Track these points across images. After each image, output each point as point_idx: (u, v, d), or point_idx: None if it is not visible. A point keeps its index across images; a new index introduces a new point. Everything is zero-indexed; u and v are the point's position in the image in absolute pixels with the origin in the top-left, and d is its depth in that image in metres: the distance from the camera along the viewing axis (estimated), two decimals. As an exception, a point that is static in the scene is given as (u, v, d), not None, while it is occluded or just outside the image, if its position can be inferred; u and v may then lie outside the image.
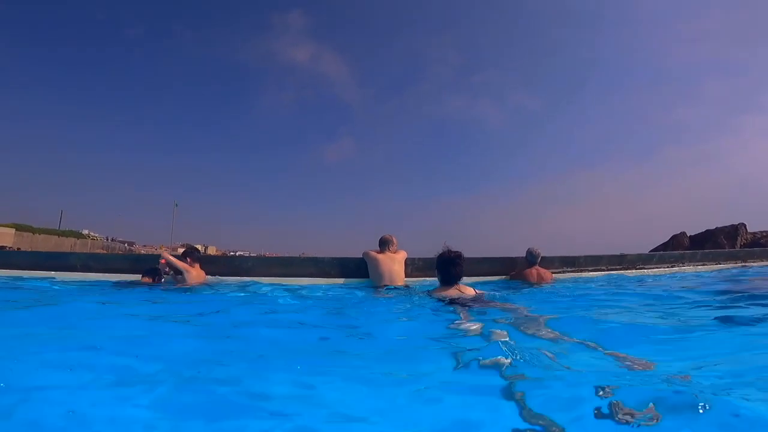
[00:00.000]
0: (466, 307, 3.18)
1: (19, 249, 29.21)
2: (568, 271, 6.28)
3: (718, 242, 20.97)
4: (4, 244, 35.79)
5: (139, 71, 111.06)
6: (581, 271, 6.36)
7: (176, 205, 43.10)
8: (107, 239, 59.49)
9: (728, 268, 7.33)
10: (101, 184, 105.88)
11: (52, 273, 5.39)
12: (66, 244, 41.88)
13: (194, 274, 5.05)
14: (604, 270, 6.47)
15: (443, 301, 3.49)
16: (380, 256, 5.22)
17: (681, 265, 7.15)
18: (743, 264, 7.76)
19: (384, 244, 5.35)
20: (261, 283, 5.11)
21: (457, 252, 3.67)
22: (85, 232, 54.98)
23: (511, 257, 6.00)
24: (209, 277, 5.23)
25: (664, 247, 22.39)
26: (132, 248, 57.88)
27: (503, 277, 5.83)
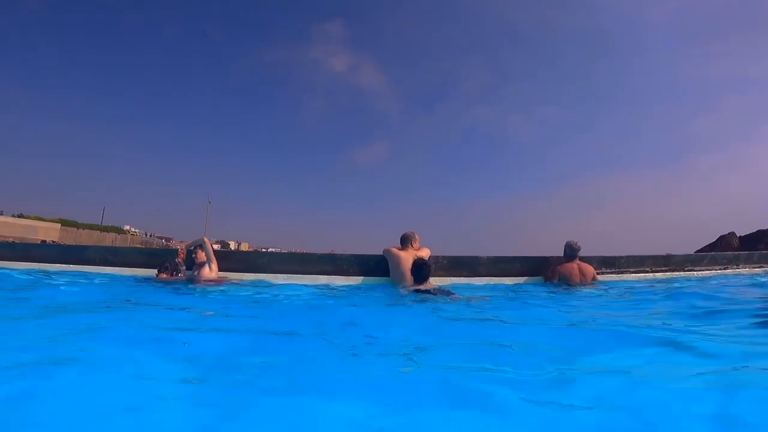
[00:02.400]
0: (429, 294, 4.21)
1: (61, 243, 30.44)
2: (608, 273, 5.75)
3: (772, 243, 19.56)
4: (52, 239, 37.92)
5: (177, 75, 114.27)
6: (622, 272, 5.82)
7: (209, 202, 44.66)
8: (146, 235, 62.15)
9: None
10: (141, 183, 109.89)
11: (72, 266, 5.38)
12: (107, 239, 43.81)
13: (216, 266, 4.90)
14: (648, 272, 5.91)
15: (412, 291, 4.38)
16: (402, 253, 4.87)
17: (735, 267, 6.42)
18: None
19: (406, 241, 4.99)
20: (275, 282, 4.90)
21: (424, 260, 4.66)
22: (126, 227, 57.94)
23: (545, 256, 5.52)
24: (223, 273, 5.04)
25: (711, 247, 21.04)
26: (169, 244, 59.44)
27: (536, 278, 5.38)
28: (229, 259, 5.10)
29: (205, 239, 5.00)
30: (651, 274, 5.88)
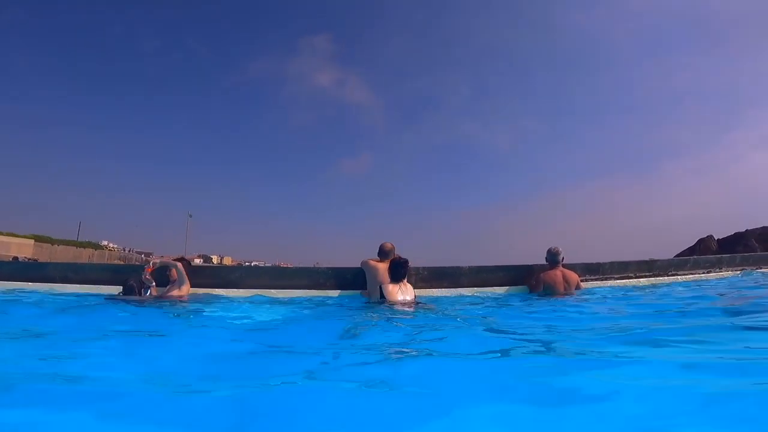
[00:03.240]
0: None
1: (36, 260, 29.44)
2: (592, 279, 5.63)
3: (749, 245, 19.83)
4: (25, 256, 36.54)
5: (156, 84, 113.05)
6: (606, 279, 5.71)
7: (190, 216, 43.93)
8: (125, 250, 60.24)
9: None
10: (120, 197, 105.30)
11: (30, 285, 5.00)
12: (84, 255, 42.37)
13: (188, 286, 4.61)
14: (632, 278, 5.81)
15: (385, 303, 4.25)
16: (380, 265, 4.65)
17: (718, 270, 6.38)
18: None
19: (386, 254, 4.80)
20: (248, 297, 4.65)
21: (405, 259, 4.50)
22: (104, 243, 55.67)
23: (528, 265, 5.36)
24: (194, 289, 4.76)
25: (691, 251, 21.33)
26: (149, 258, 56.41)
27: (520, 287, 5.22)
28: (199, 275, 4.82)
29: (179, 264, 4.73)
30: (635, 280, 5.78)
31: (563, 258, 5.09)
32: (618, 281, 5.69)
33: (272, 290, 4.84)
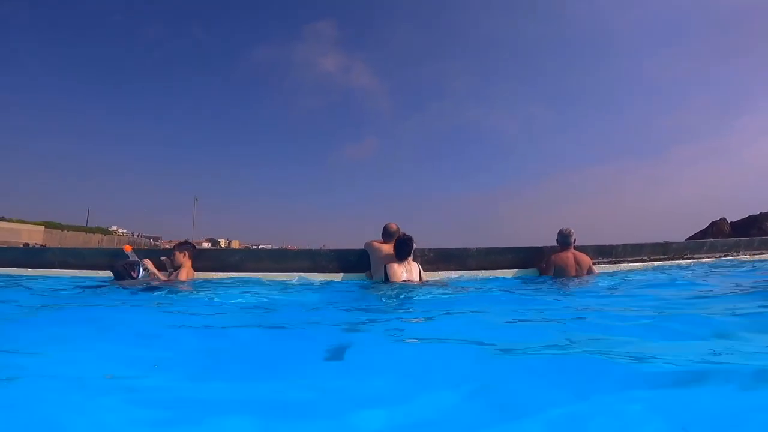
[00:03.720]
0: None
1: (44, 246, 29.73)
2: (604, 262, 5.42)
3: (763, 228, 19.41)
4: (35, 242, 36.96)
5: (162, 70, 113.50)
6: (619, 261, 5.49)
7: (196, 200, 44.31)
8: (133, 235, 60.91)
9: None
10: (127, 182, 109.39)
11: (29, 270, 4.91)
12: (93, 241, 42.83)
13: (186, 271, 4.45)
14: (646, 261, 5.58)
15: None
16: (384, 247, 4.50)
17: (735, 254, 6.15)
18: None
19: (390, 235, 4.62)
20: (248, 278, 4.52)
21: (410, 236, 4.26)
22: (113, 228, 56.32)
23: (538, 246, 5.16)
24: (197, 274, 4.63)
25: (703, 234, 20.92)
26: (157, 243, 58.37)
27: (530, 270, 5.03)
28: (198, 258, 4.68)
29: (146, 262, 4.38)
30: (650, 263, 5.57)
31: (575, 240, 4.88)
32: (631, 264, 5.51)
33: (273, 273, 4.70)
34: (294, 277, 4.63)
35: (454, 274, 4.85)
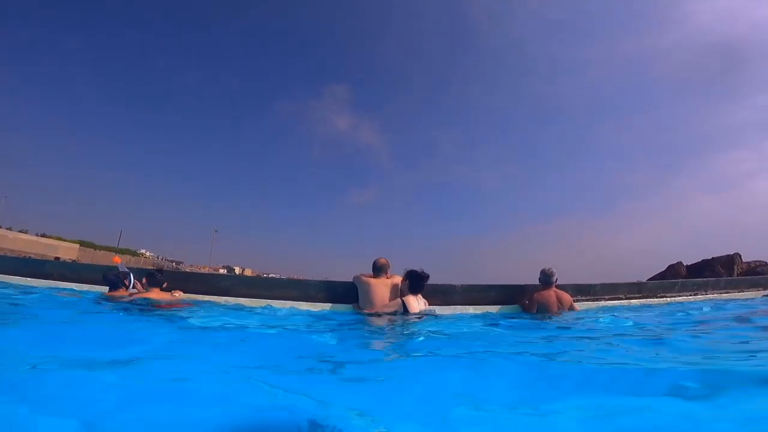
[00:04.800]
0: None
1: (75, 261, 29.78)
2: (583, 300, 5.53)
3: (716, 271, 20.07)
4: (69, 257, 38.07)
5: (197, 112, 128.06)
6: (597, 299, 5.61)
7: (216, 231, 48.74)
8: (158, 258, 62.25)
9: (752, 297, 6.65)
10: (158, 210, 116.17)
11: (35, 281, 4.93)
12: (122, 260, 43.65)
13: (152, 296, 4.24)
14: (622, 298, 5.65)
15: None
16: (373, 281, 4.28)
17: (704, 293, 6.27)
18: (765, 293, 7.09)
19: (380, 270, 4.45)
20: (234, 305, 4.35)
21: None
22: (141, 251, 58.91)
23: (521, 284, 5.06)
24: (182, 294, 4.43)
25: (662, 276, 21.55)
26: (179, 267, 59.42)
27: (512, 306, 5.07)
28: (188, 281, 4.51)
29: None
30: (626, 301, 5.49)
31: (557, 279, 4.91)
32: (608, 302, 5.59)
33: (263, 300, 4.45)
34: (284, 305, 4.44)
35: (438, 309, 4.87)
